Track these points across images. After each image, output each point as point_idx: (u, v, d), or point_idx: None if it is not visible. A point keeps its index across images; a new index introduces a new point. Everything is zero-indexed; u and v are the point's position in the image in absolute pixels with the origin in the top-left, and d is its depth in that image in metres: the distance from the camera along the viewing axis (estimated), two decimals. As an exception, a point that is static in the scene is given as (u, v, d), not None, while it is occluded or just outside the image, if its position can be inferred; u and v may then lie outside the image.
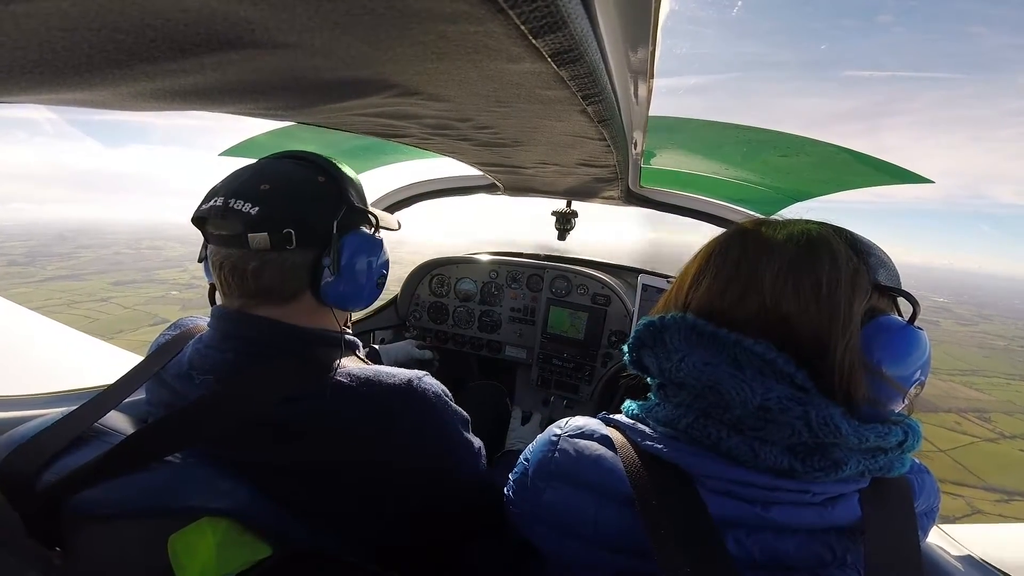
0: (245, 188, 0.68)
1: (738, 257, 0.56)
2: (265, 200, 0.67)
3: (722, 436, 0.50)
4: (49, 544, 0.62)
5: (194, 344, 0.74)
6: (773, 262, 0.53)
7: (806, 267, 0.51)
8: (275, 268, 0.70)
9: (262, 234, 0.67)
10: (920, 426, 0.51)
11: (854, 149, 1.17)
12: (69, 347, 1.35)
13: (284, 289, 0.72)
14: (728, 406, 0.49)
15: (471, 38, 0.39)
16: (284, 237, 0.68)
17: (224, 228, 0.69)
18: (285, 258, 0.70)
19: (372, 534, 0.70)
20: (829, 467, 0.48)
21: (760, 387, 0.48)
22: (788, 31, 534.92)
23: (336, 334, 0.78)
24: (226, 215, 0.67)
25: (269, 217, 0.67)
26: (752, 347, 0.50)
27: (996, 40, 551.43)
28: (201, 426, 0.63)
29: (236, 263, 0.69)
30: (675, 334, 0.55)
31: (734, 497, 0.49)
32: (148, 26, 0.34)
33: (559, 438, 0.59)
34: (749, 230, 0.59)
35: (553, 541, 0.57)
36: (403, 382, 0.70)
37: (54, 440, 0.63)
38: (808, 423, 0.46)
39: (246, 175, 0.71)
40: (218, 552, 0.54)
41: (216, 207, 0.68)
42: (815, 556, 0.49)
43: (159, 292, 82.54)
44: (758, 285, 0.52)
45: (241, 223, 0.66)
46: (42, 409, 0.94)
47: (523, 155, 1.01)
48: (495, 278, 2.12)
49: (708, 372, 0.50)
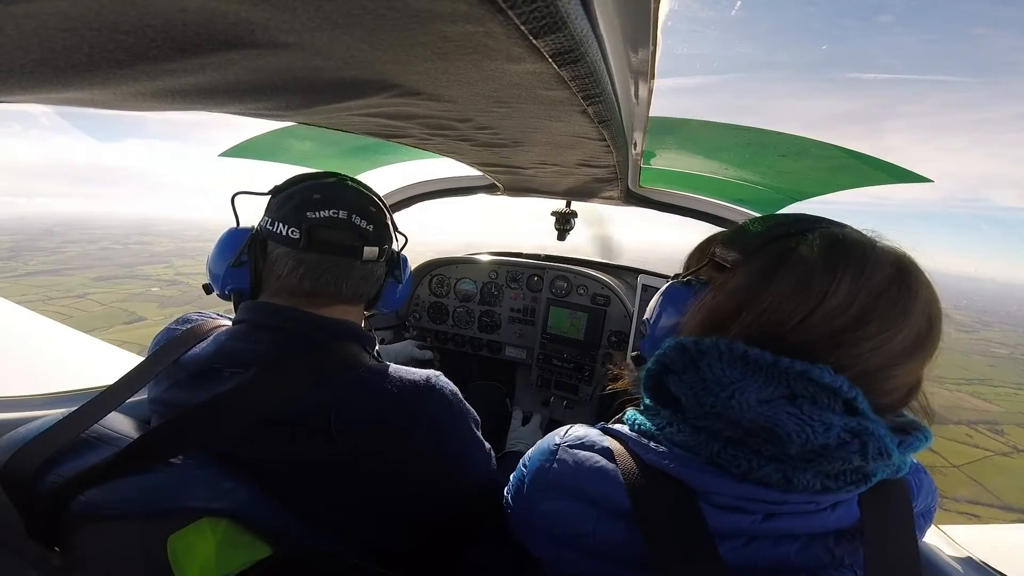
0: (360, 208, 0.80)
1: (811, 266, 0.49)
2: (375, 220, 0.82)
3: (753, 466, 0.46)
4: (49, 544, 0.62)
5: (218, 338, 0.75)
6: (850, 272, 0.47)
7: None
8: (371, 278, 0.84)
9: (374, 248, 0.81)
10: (931, 432, 0.50)
11: (854, 149, 1.17)
12: (70, 347, 1.35)
13: (365, 294, 0.85)
14: (783, 445, 0.45)
15: (471, 38, 0.39)
16: (382, 252, 0.83)
17: (344, 239, 0.78)
18: (376, 270, 0.85)
19: (375, 534, 0.70)
20: (860, 480, 0.46)
21: (821, 425, 0.44)
22: (788, 31, 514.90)
23: (362, 330, 0.83)
24: (351, 228, 0.78)
25: (379, 235, 0.82)
26: (820, 377, 0.44)
27: (1002, 43, 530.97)
28: (221, 423, 0.64)
29: (343, 270, 0.79)
30: (716, 362, 0.48)
31: (739, 511, 0.48)
32: (148, 26, 0.34)
33: (558, 448, 0.58)
34: (801, 235, 0.52)
35: (550, 550, 0.56)
36: (422, 380, 0.74)
37: (56, 441, 0.63)
38: (864, 454, 0.44)
39: (354, 196, 0.82)
40: (218, 552, 0.54)
41: (341, 219, 0.77)
42: (815, 559, 0.49)
43: (139, 288, 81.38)
44: (827, 301, 0.47)
45: (361, 238, 0.79)
46: (42, 410, 0.94)
47: (523, 155, 1.01)
48: (495, 278, 2.12)
49: (765, 411, 0.45)
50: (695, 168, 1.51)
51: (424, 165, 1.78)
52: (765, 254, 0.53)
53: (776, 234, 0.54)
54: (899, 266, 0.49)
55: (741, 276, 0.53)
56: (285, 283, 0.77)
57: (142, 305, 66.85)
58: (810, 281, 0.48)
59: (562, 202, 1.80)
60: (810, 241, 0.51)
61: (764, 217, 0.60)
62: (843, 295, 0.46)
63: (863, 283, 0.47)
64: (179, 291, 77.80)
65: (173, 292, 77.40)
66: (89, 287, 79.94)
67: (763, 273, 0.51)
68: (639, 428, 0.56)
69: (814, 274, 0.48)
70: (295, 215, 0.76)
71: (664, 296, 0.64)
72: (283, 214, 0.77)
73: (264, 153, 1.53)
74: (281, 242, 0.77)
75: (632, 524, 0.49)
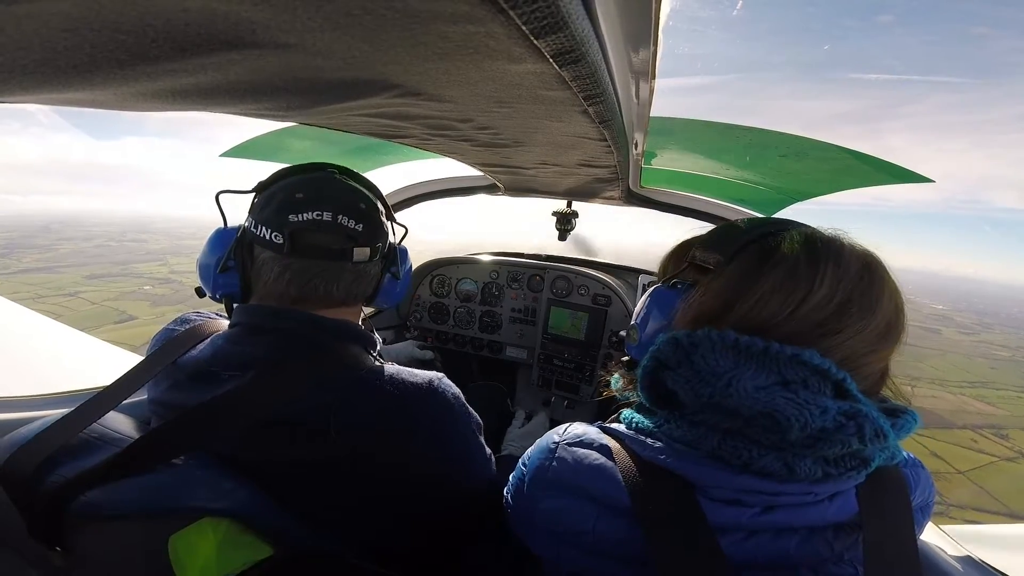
0: (347, 206, 0.74)
1: (795, 262, 0.52)
2: (365, 218, 0.76)
3: (754, 455, 0.47)
4: (50, 544, 0.62)
5: (215, 341, 0.74)
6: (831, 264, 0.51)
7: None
8: (365, 278, 0.79)
9: (365, 249, 0.76)
10: (919, 415, 0.52)
11: (855, 150, 1.17)
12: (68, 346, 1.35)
13: (360, 294, 0.80)
14: (783, 431, 0.46)
15: (472, 39, 0.39)
16: (375, 251, 0.78)
17: (331, 242, 0.74)
18: (370, 269, 0.80)
19: (375, 535, 0.70)
20: (859, 465, 0.48)
21: (817, 409, 0.45)
22: (789, 31, 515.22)
23: (363, 330, 0.80)
24: (336, 230, 0.73)
25: (369, 234, 0.76)
26: (810, 359, 0.46)
27: (1003, 44, 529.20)
28: (219, 425, 0.64)
29: (333, 275, 0.75)
30: (710, 352, 0.49)
31: (739, 504, 0.49)
32: (149, 26, 0.34)
33: (557, 446, 0.58)
34: (787, 231, 0.56)
35: (550, 548, 0.56)
36: (424, 382, 0.72)
37: (56, 441, 0.63)
38: (861, 436, 0.45)
39: (340, 192, 0.76)
40: (219, 552, 0.54)
41: (325, 221, 0.72)
42: (815, 553, 0.49)
43: (131, 287, 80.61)
44: (816, 290, 0.50)
45: (348, 239, 0.74)
46: (42, 410, 0.94)
47: (524, 156, 1.01)
48: (496, 278, 2.12)
49: (762, 398, 0.46)
50: (696, 168, 1.51)
51: (425, 165, 1.78)
52: (748, 253, 0.55)
53: (756, 235, 0.57)
54: (866, 259, 0.53)
55: (726, 275, 0.55)
56: (272, 289, 0.74)
57: (133, 304, 66.38)
58: (796, 275, 0.51)
59: (563, 202, 1.80)
60: (790, 239, 0.54)
61: (739, 221, 0.63)
62: (827, 287, 0.50)
63: (842, 274, 0.50)
64: (171, 289, 77.07)
65: (165, 291, 76.72)
66: (81, 285, 79.48)
67: (749, 271, 0.54)
68: (636, 426, 0.57)
69: (799, 269, 0.51)
70: (277, 218, 0.72)
71: (651, 299, 0.64)
72: (266, 216, 0.73)
73: (265, 153, 1.53)
74: (265, 246, 0.73)
75: (632, 521, 0.49)
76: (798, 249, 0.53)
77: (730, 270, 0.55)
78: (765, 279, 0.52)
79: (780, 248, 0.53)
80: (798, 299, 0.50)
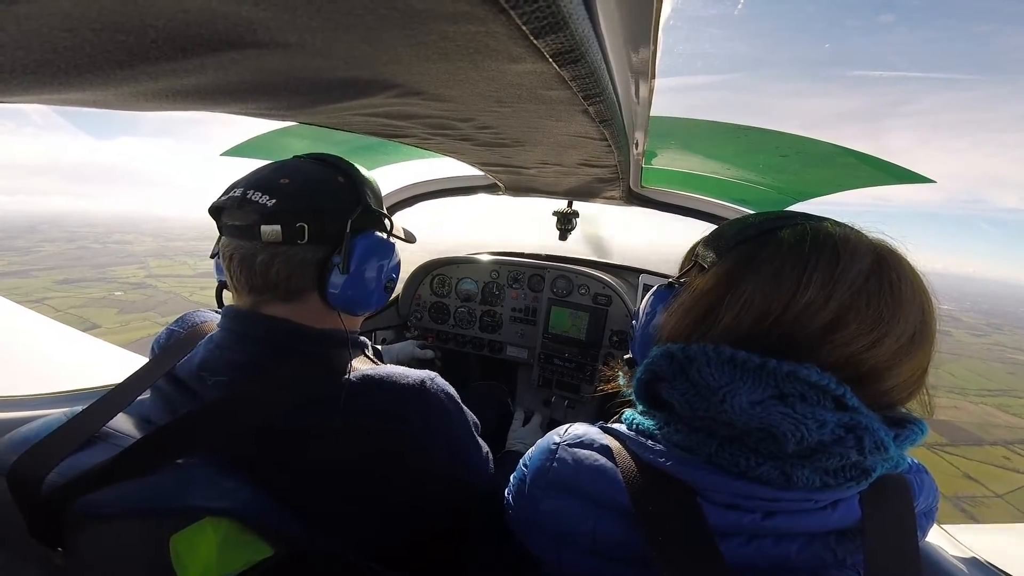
0: (264, 181, 0.69)
1: (781, 262, 0.49)
2: (282, 193, 0.67)
3: (752, 464, 0.46)
4: (51, 544, 0.62)
5: (205, 345, 0.74)
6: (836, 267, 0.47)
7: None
8: (283, 262, 0.69)
9: (275, 227, 0.66)
10: (926, 425, 0.50)
11: (856, 150, 1.17)
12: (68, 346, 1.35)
13: (290, 285, 0.71)
14: (780, 444, 0.45)
15: (472, 38, 0.39)
16: (296, 231, 0.67)
17: (239, 219, 0.68)
18: (295, 252, 0.69)
19: (374, 535, 0.71)
20: (860, 476, 0.47)
21: (814, 423, 0.44)
22: (790, 30, 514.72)
23: (345, 335, 0.78)
24: (242, 205, 0.67)
25: (284, 210, 0.67)
26: (807, 376, 0.44)
27: (1007, 41, 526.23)
28: (213, 431, 0.63)
29: (246, 255, 0.69)
30: (705, 367, 0.48)
31: (738, 509, 0.48)
32: (149, 26, 0.34)
33: (558, 446, 0.58)
34: (774, 236, 0.52)
35: (551, 550, 0.56)
36: (416, 382, 0.71)
37: (65, 442, 0.63)
38: (861, 449, 0.44)
39: (268, 170, 0.72)
40: (220, 552, 0.54)
41: (234, 197, 0.68)
42: (816, 558, 0.49)
43: (101, 293, 76.89)
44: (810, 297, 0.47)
45: (256, 214, 0.66)
46: (42, 409, 0.94)
47: (524, 155, 1.01)
48: (496, 278, 2.12)
49: (758, 413, 0.45)
50: (697, 168, 1.51)
51: (426, 165, 1.78)
52: (736, 252, 0.53)
53: (750, 233, 0.54)
54: (878, 258, 0.48)
55: (713, 275, 0.53)
56: (230, 280, 0.74)
57: (99, 312, 62.97)
58: (780, 276, 0.48)
59: (563, 202, 1.80)
60: (781, 237, 0.51)
61: (743, 216, 0.60)
62: (816, 288, 0.46)
63: (838, 275, 0.46)
64: (143, 295, 74.53)
65: (137, 296, 73.89)
66: (50, 291, 76.92)
67: (734, 271, 0.51)
68: (637, 427, 0.57)
69: (784, 268, 0.48)
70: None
71: (651, 299, 0.64)
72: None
73: (265, 152, 1.53)
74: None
75: (632, 523, 0.49)
76: (787, 247, 0.50)
77: (718, 268, 0.54)
78: (750, 278, 0.49)
79: (769, 245, 0.51)
80: (784, 302, 0.47)
